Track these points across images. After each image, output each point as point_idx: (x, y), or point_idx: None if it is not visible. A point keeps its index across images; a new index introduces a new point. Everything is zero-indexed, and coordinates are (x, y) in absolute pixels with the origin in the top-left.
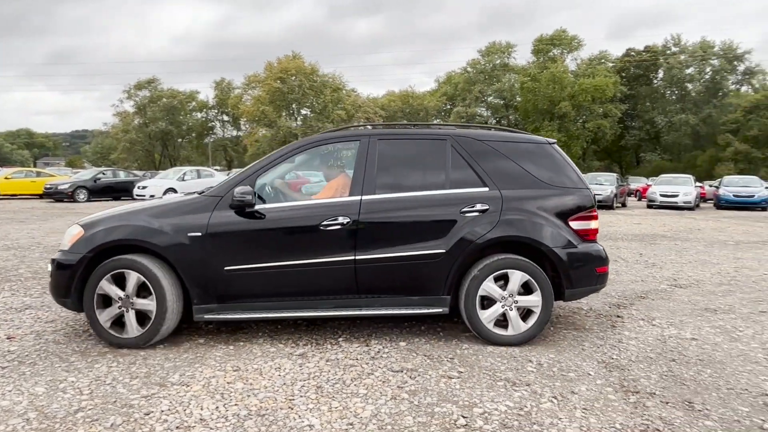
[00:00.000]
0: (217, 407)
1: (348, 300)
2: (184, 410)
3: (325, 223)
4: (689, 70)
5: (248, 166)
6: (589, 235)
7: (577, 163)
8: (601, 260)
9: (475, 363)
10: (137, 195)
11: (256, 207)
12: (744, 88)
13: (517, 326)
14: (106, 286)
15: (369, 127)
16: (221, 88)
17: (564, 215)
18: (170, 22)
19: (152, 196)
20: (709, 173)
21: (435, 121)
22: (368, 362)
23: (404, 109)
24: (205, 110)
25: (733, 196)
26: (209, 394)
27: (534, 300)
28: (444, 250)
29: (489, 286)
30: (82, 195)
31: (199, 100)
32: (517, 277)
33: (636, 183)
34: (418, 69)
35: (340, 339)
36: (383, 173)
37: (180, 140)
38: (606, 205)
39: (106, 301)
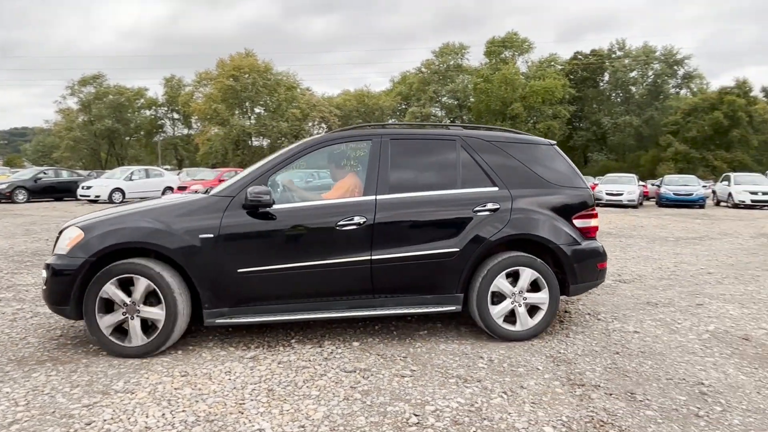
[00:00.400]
0: (163, 414)
1: (363, 300)
2: (128, 419)
3: (341, 223)
4: (633, 74)
5: (259, 165)
6: (590, 233)
7: None
8: (601, 256)
9: (427, 361)
10: (81, 195)
11: (262, 208)
12: (683, 92)
13: (525, 322)
14: (111, 291)
15: (378, 127)
16: (171, 85)
17: (568, 213)
18: (117, 17)
19: (98, 196)
20: (652, 172)
21: (390, 121)
22: (321, 363)
23: (359, 109)
24: (154, 108)
25: (674, 194)
26: (155, 401)
27: (542, 297)
28: (458, 249)
29: (501, 283)
30: (21, 195)
31: (147, 97)
32: (527, 275)
33: None
34: (373, 69)
35: (293, 341)
36: (396, 173)
37: (128, 139)
38: None
39: (108, 306)
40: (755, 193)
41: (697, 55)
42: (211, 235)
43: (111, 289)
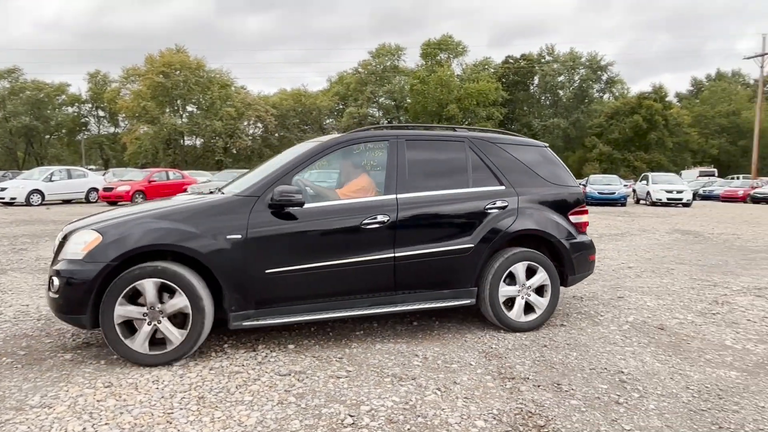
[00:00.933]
0: (84, 429)
1: (385, 297)
2: None
3: (365, 221)
4: (561, 78)
5: (280, 165)
6: (582, 228)
7: None
8: (592, 249)
9: (363, 361)
10: None
11: (289, 208)
12: (606, 96)
13: (532, 314)
14: (149, 288)
15: (393, 128)
16: (96, 81)
17: (565, 210)
18: (37, 7)
19: (13, 198)
20: (579, 172)
21: (328, 121)
22: (255, 368)
23: (296, 108)
24: (77, 104)
25: (598, 193)
26: (75, 415)
27: (542, 288)
28: (472, 245)
29: (510, 277)
30: None
31: (69, 93)
32: (533, 269)
33: None
34: (310, 68)
35: (226, 345)
36: (413, 172)
37: (47, 137)
38: None
39: (132, 299)
40: (670, 192)
41: (619, 61)
42: (239, 236)
43: (149, 287)
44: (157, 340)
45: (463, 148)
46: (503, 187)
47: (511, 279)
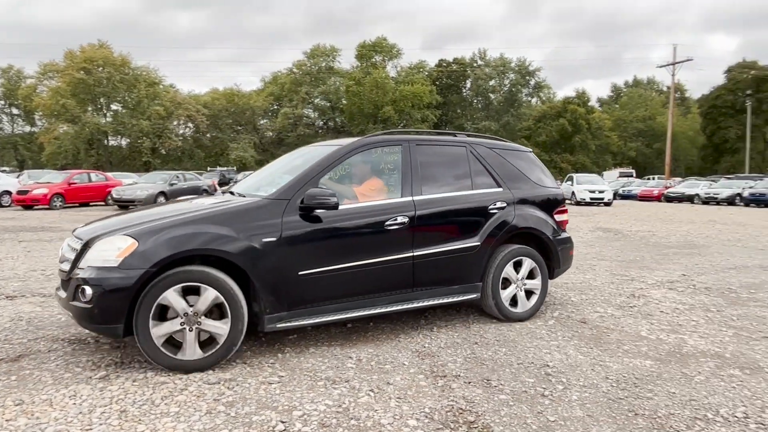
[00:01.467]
0: None
1: (404, 294)
2: None
3: (388, 222)
4: (492, 82)
5: (305, 168)
6: (563, 225)
7: None
8: (572, 244)
9: (296, 365)
10: None
11: (318, 211)
12: (534, 100)
13: (524, 304)
14: (173, 298)
15: (404, 133)
16: (9, 76)
17: (550, 209)
18: None
19: None
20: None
21: (262, 121)
22: (182, 377)
23: (229, 108)
24: None
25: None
26: None
27: (537, 283)
28: (479, 243)
29: (508, 271)
30: None
31: None
32: (528, 263)
33: None
34: (243, 68)
35: None
36: (424, 175)
37: None
38: None
39: (162, 315)
40: (593, 192)
41: (545, 67)
42: (274, 239)
43: (172, 296)
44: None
45: (465, 152)
46: (501, 189)
47: (509, 272)
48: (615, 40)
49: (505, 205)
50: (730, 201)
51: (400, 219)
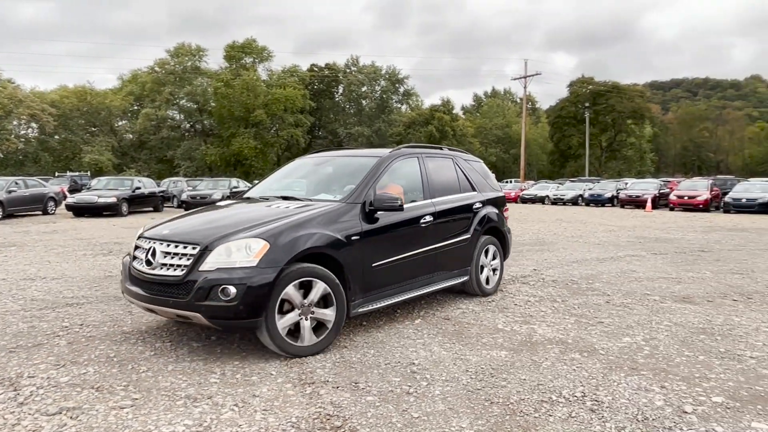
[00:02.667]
0: None
1: (429, 278)
2: None
3: (422, 220)
4: (364, 89)
5: (362, 176)
6: (506, 220)
7: (272, 169)
8: (510, 235)
9: (153, 386)
10: None
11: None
12: (404, 107)
13: (492, 282)
14: (292, 292)
15: (411, 147)
16: None
17: (500, 207)
18: None
19: None
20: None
21: (121, 123)
22: (14, 410)
23: (81, 108)
24: None
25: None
26: None
27: (497, 263)
28: (470, 236)
29: (483, 259)
30: None
31: None
32: (493, 250)
33: None
34: (98, 64)
35: None
36: (432, 181)
37: None
38: None
39: (280, 309)
40: None
41: (413, 76)
42: (358, 237)
43: (292, 292)
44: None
45: (452, 163)
46: (476, 193)
47: (483, 258)
48: (474, 53)
49: (481, 205)
50: (574, 201)
51: (428, 218)
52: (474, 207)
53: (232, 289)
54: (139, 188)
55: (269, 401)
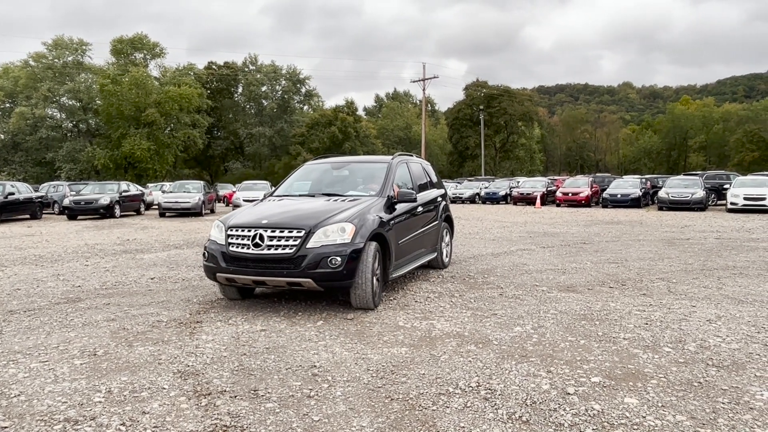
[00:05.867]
0: None
1: (418, 254)
2: None
3: (417, 210)
4: (264, 88)
5: (382, 178)
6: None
7: (168, 171)
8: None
9: (26, 411)
10: None
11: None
12: (306, 108)
13: (447, 258)
14: (369, 261)
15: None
16: None
17: (447, 200)
18: None
19: None
20: (285, 177)
21: None
22: None
23: None
24: None
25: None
26: None
27: (448, 242)
28: (437, 222)
29: (446, 240)
30: None
31: None
32: (447, 232)
33: (224, 190)
34: None
35: None
36: (416, 182)
37: None
38: (194, 212)
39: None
40: None
41: (314, 77)
42: (393, 221)
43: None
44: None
45: (421, 167)
46: (437, 189)
47: (441, 240)
48: (372, 57)
49: (441, 199)
50: (472, 200)
51: (420, 209)
52: (437, 200)
53: (338, 259)
54: (12, 194)
55: (160, 417)
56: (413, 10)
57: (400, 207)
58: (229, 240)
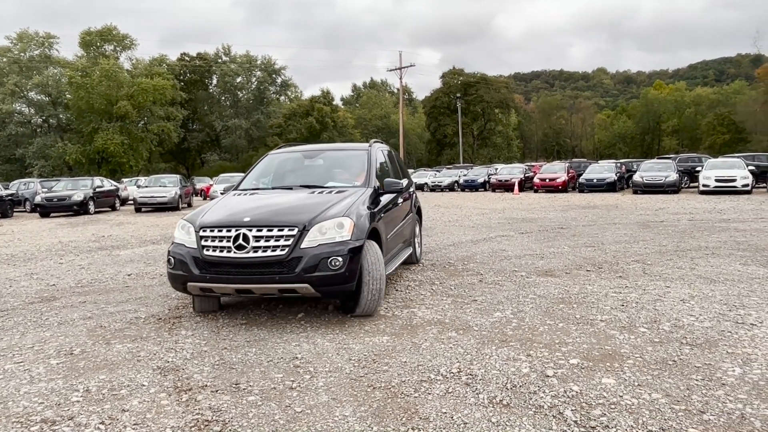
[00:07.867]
0: None
1: (398, 251)
2: None
3: (398, 201)
4: (239, 79)
5: (367, 167)
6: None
7: (144, 165)
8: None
9: (2, 413)
10: None
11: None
12: (282, 99)
13: (419, 251)
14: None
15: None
16: None
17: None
18: None
19: None
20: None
21: None
22: None
23: None
24: None
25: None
26: None
27: (417, 231)
28: (412, 214)
29: (416, 232)
30: None
31: None
32: (417, 225)
33: (201, 183)
34: None
35: None
36: (395, 171)
37: None
38: (171, 206)
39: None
40: None
41: (289, 68)
42: (383, 213)
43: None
44: None
45: (393, 156)
46: (406, 180)
47: (414, 234)
48: (346, 47)
49: (412, 189)
50: (451, 187)
51: (400, 200)
52: (411, 191)
53: (340, 260)
54: None
55: (140, 414)
56: (385, 1)
57: (384, 198)
58: (203, 242)
